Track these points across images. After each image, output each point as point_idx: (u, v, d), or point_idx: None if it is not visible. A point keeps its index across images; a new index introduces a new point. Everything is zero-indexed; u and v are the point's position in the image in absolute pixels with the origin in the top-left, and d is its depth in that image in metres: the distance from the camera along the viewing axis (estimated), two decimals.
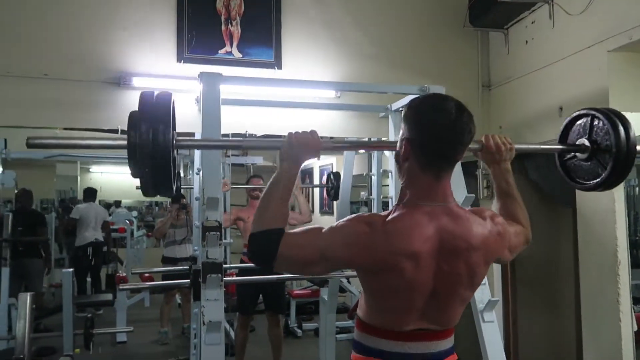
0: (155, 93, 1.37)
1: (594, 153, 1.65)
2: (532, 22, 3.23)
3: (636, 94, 2.61)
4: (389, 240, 1.16)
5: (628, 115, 2.59)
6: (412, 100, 1.27)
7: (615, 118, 1.60)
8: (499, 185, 1.50)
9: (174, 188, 1.40)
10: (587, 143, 1.66)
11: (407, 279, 1.18)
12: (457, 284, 1.23)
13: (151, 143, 1.27)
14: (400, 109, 2.76)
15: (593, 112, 1.65)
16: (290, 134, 1.33)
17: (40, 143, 1.36)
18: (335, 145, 1.58)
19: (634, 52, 2.54)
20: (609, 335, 2.56)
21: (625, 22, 2.44)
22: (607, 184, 1.66)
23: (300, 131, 1.34)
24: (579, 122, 1.72)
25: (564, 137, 1.77)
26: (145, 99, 1.34)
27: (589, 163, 1.68)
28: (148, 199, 9.66)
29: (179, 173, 5.44)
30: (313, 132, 1.34)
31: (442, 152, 1.20)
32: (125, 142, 1.29)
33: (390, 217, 1.21)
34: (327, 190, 4.98)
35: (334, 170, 7.26)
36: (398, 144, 1.27)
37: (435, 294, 1.22)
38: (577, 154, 1.71)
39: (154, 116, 1.30)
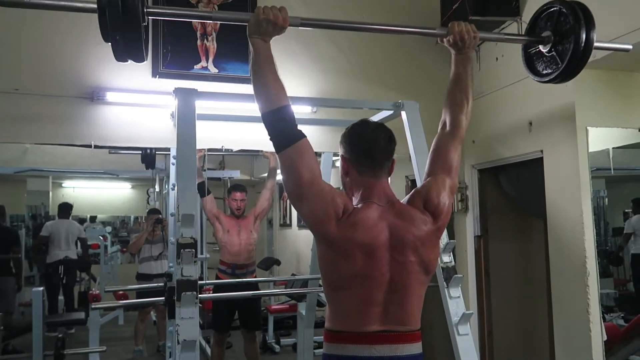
0: None
1: (556, 44, 1.69)
2: None
3: (600, 110, 2.70)
4: (351, 231, 1.31)
5: (593, 130, 2.70)
6: (346, 129, 1.49)
7: (579, 11, 1.63)
8: (456, 71, 1.60)
9: (145, 57, 1.44)
10: (550, 35, 1.70)
11: (361, 268, 1.30)
12: (412, 271, 1.35)
13: (120, 5, 1.28)
14: None
15: (559, 5, 1.68)
16: (258, 7, 1.40)
17: (14, 2, 1.41)
18: (304, 23, 1.56)
19: (599, 70, 2.63)
20: (580, 344, 2.61)
21: None
22: (565, 75, 1.70)
23: (270, 6, 1.40)
24: (546, 14, 1.74)
25: (531, 30, 1.79)
26: None
27: (551, 55, 1.72)
28: (122, 214, 9.46)
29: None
30: (282, 8, 1.42)
31: (370, 162, 1.42)
32: (95, 6, 1.31)
33: (354, 209, 1.36)
34: None
35: None
36: (340, 163, 1.49)
37: (392, 285, 1.32)
38: (540, 46, 1.74)
39: None
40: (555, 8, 1.70)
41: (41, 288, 3.30)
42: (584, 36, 1.61)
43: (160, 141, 3.08)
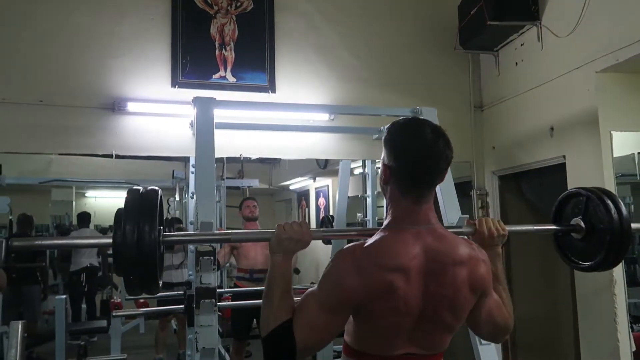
0: (141, 190, 1.37)
1: (589, 233, 1.65)
2: (522, 45, 3.29)
3: (624, 114, 2.65)
4: (376, 259, 1.16)
5: (617, 134, 2.64)
6: (391, 125, 1.27)
7: (608, 201, 1.60)
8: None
9: (160, 283, 1.38)
10: (582, 224, 1.67)
11: (401, 297, 1.15)
12: (443, 307, 1.21)
13: (135, 246, 1.25)
14: None
15: (587, 194, 1.66)
16: (279, 226, 1.31)
17: (24, 246, 1.36)
18: (326, 235, 1.61)
19: (621, 73, 2.58)
20: (608, 355, 2.54)
21: (612, 43, 2.49)
22: (605, 266, 1.66)
23: (290, 222, 1.31)
24: (573, 201, 1.72)
25: (558, 214, 1.77)
26: (132, 196, 1.33)
27: (585, 243, 1.67)
28: None
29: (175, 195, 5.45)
30: (303, 224, 1.32)
31: (419, 179, 1.20)
32: (110, 241, 1.28)
33: (370, 241, 1.21)
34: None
35: (330, 193, 7.27)
36: (380, 168, 1.28)
37: (423, 316, 1.20)
38: (572, 233, 1.71)
39: (139, 217, 1.28)
40: (581, 197, 1.68)
41: (64, 296, 3.35)
42: (619, 226, 1.56)
43: (180, 150, 3.11)
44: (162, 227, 1.37)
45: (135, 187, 1.37)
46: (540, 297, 3.53)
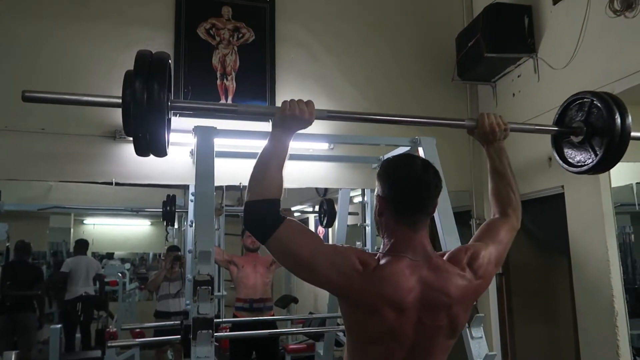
0: (152, 52, 1.35)
1: (589, 136, 1.64)
2: (518, 76, 3.34)
3: None
4: (378, 285, 1.18)
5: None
6: (384, 161, 1.34)
7: (612, 103, 1.60)
8: (493, 164, 1.52)
9: (167, 151, 1.39)
10: (582, 126, 1.66)
11: (388, 326, 1.18)
12: (438, 336, 1.24)
13: (146, 102, 1.24)
14: None
15: (591, 97, 1.65)
16: (285, 102, 1.35)
17: (36, 97, 1.40)
18: (330, 116, 1.57)
19: None
20: None
21: (608, 75, 2.53)
22: (598, 168, 1.65)
23: (296, 99, 1.35)
24: (576, 104, 1.71)
25: (560, 119, 1.76)
26: (142, 57, 1.31)
27: (583, 146, 1.67)
28: (141, 251, 9.54)
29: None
30: (309, 102, 1.36)
31: (413, 204, 1.25)
32: (119, 101, 1.27)
33: (380, 263, 1.23)
34: (319, 217, 4.95)
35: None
36: (375, 201, 1.32)
37: (416, 346, 1.22)
38: (571, 136, 1.70)
39: (149, 75, 1.26)
40: (586, 99, 1.67)
41: (59, 325, 3.31)
42: (619, 131, 1.57)
43: (180, 178, 3.12)
44: (170, 94, 1.35)
45: (145, 50, 1.33)
46: (542, 330, 3.48)
